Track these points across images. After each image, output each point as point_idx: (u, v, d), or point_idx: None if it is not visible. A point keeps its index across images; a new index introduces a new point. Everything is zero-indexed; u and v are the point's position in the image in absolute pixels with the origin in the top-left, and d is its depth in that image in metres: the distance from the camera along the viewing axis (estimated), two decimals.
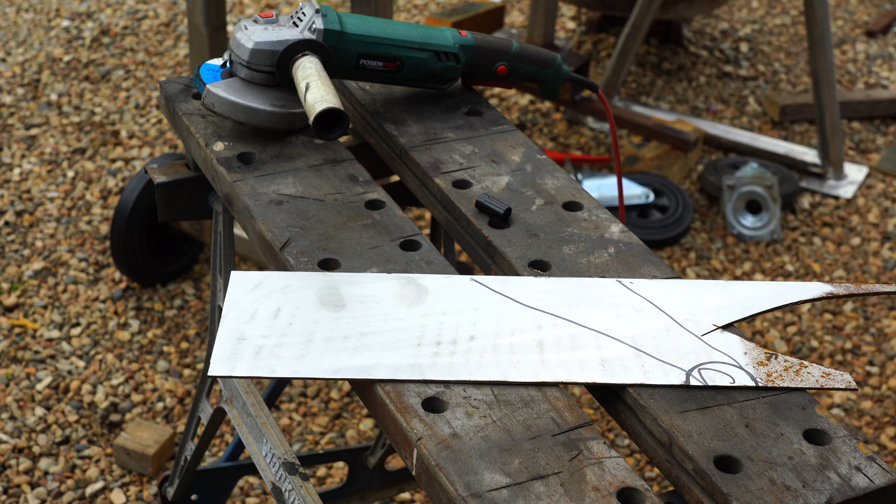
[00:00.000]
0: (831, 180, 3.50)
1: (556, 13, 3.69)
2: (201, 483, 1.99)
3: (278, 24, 1.51)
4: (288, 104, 1.50)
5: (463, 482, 1.01)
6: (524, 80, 1.65)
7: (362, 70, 1.55)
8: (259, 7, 4.43)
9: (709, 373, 1.15)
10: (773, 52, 4.26)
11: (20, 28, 4.21)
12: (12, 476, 2.38)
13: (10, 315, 2.83)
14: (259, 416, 1.61)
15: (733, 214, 3.30)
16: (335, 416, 2.58)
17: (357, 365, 1.14)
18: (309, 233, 1.35)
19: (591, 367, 1.15)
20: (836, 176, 3.51)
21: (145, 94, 3.82)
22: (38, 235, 3.12)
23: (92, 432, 2.51)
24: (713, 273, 3.12)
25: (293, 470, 1.54)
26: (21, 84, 3.85)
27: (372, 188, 1.45)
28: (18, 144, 3.52)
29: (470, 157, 1.51)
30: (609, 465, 1.04)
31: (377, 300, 1.23)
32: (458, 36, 1.59)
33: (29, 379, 2.63)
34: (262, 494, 2.37)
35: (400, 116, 1.59)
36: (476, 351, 1.17)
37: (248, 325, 1.19)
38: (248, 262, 2.94)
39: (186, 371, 2.68)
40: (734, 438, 1.07)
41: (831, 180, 3.50)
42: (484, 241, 1.36)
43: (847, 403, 2.66)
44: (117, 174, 3.39)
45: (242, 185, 1.43)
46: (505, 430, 1.07)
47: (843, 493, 1.02)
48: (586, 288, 1.27)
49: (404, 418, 1.08)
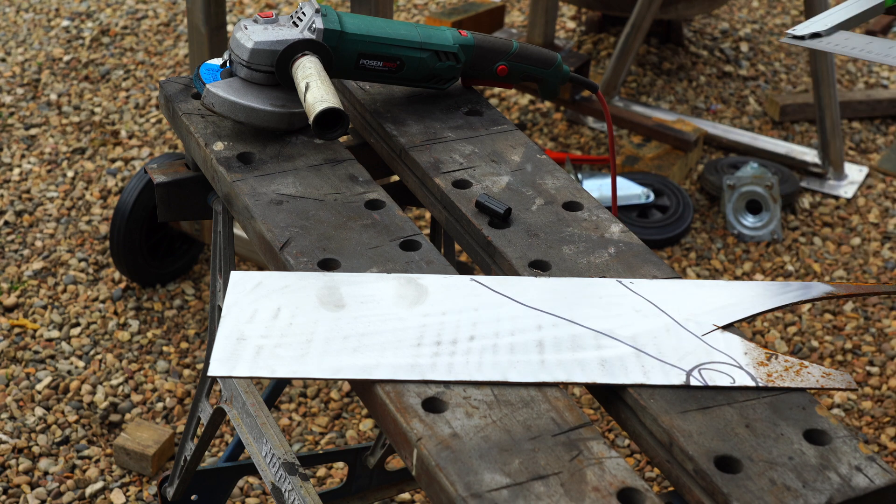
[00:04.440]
0: (831, 180, 3.50)
1: (556, 13, 3.69)
2: (201, 483, 1.99)
3: (278, 24, 1.51)
4: (288, 104, 1.50)
5: (463, 482, 1.01)
6: (524, 80, 1.65)
7: (362, 70, 1.55)
8: (259, 7, 4.43)
9: (709, 373, 1.15)
10: (773, 52, 4.26)
11: (20, 28, 4.21)
12: (12, 476, 2.38)
13: (10, 315, 2.83)
14: (259, 416, 1.61)
15: (733, 214, 3.30)
16: (335, 417, 2.58)
17: (357, 365, 1.14)
18: (309, 233, 1.35)
19: (591, 367, 1.15)
20: (837, 176, 3.50)
21: (145, 94, 3.82)
22: (37, 235, 3.12)
23: (92, 432, 2.51)
24: (713, 273, 3.12)
25: (293, 470, 1.54)
26: (21, 84, 3.85)
27: (372, 188, 1.44)
28: (18, 144, 3.52)
29: (470, 157, 1.51)
30: (609, 465, 1.04)
31: (377, 300, 1.23)
32: (458, 36, 1.59)
33: (29, 379, 2.63)
34: (262, 494, 2.37)
35: (400, 116, 1.59)
36: (476, 351, 1.17)
37: (248, 326, 1.19)
38: (248, 262, 2.93)
39: (186, 371, 2.68)
40: (734, 438, 1.07)
41: (831, 180, 3.50)
42: (484, 241, 1.36)
43: (847, 403, 2.66)
44: (117, 174, 3.39)
45: (242, 185, 1.43)
46: (505, 430, 1.07)
47: (843, 493, 1.02)
48: (586, 288, 1.27)
49: (404, 418, 1.08)
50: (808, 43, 1.44)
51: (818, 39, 1.44)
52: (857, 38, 1.43)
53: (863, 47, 1.40)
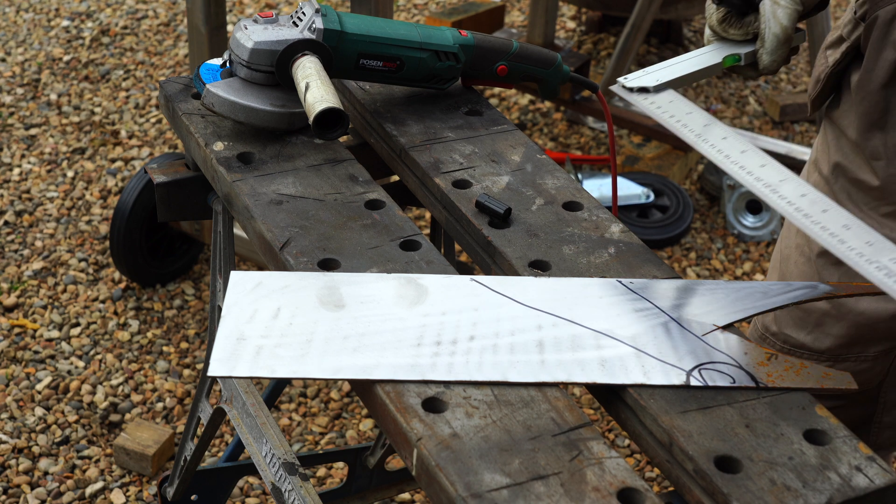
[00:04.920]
0: None
1: (556, 13, 3.69)
2: (201, 483, 1.99)
3: (278, 24, 1.50)
4: (288, 104, 1.50)
5: (463, 482, 1.01)
6: (524, 79, 1.65)
7: (362, 70, 1.55)
8: (259, 7, 4.43)
9: (709, 373, 1.15)
10: None
11: (20, 28, 4.21)
12: (12, 476, 2.38)
13: (10, 315, 2.83)
14: (259, 416, 1.61)
15: (733, 214, 3.30)
16: (335, 417, 2.58)
17: (357, 365, 1.14)
18: (309, 233, 1.35)
19: (591, 367, 1.15)
20: None
21: (145, 93, 3.82)
22: (37, 235, 3.12)
23: (92, 432, 2.51)
24: (713, 273, 3.12)
25: (293, 470, 1.54)
26: (21, 84, 3.85)
27: (372, 188, 1.44)
28: (18, 144, 3.52)
29: (470, 157, 1.51)
30: (609, 465, 1.04)
31: (377, 300, 1.23)
32: (458, 36, 1.59)
33: (29, 379, 2.63)
34: (262, 494, 2.37)
35: (400, 116, 1.59)
36: (476, 351, 1.16)
37: (248, 326, 1.19)
38: (248, 262, 2.93)
39: (186, 371, 2.68)
40: (734, 438, 1.07)
41: None
42: (484, 241, 1.36)
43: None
44: (117, 174, 3.39)
45: (242, 185, 1.43)
46: (505, 430, 1.07)
47: (843, 493, 1.02)
48: (586, 288, 1.27)
49: (404, 418, 1.08)
50: (634, 98, 1.37)
51: (644, 95, 1.38)
52: (678, 105, 1.36)
53: (680, 118, 1.33)
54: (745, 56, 1.46)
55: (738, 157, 1.25)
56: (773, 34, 1.43)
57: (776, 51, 1.43)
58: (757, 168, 1.23)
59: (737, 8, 1.45)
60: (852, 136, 1.56)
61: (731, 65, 1.46)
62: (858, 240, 1.11)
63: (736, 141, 1.28)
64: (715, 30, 1.47)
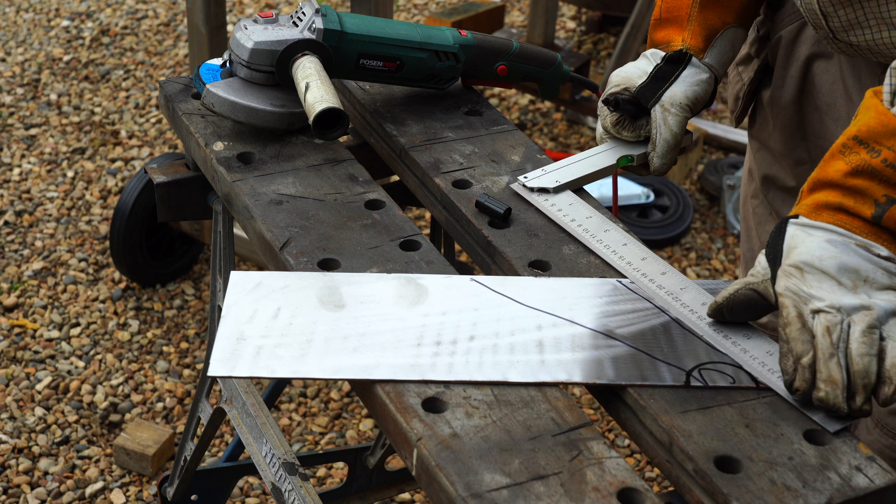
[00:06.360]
0: None
1: (556, 13, 3.69)
2: (201, 483, 1.99)
3: (278, 24, 1.50)
4: (288, 104, 1.50)
5: (463, 482, 1.01)
6: (524, 79, 1.65)
7: (362, 70, 1.55)
8: (259, 7, 4.43)
9: (709, 373, 1.15)
10: None
11: (20, 28, 4.21)
12: (12, 476, 2.38)
13: (10, 315, 2.83)
14: (259, 416, 1.61)
15: (734, 214, 3.29)
16: (335, 417, 2.58)
17: (357, 365, 1.14)
18: (309, 233, 1.35)
19: (590, 367, 1.15)
20: None
21: (145, 94, 3.82)
22: (37, 235, 3.12)
23: (92, 432, 2.51)
24: (713, 273, 3.12)
25: (293, 470, 1.54)
26: (21, 84, 3.85)
27: (372, 188, 1.44)
28: (18, 144, 3.52)
29: (470, 157, 1.51)
30: (609, 465, 1.04)
31: (377, 300, 1.23)
32: (458, 36, 1.59)
33: (29, 379, 2.63)
34: (262, 494, 2.37)
35: (400, 116, 1.59)
36: (476, 351, 1.16)
37: (248, 326, 1.19)
38: (248, 262, 2.93)
39: (186, 371, 2.68)
40: (734, 438, 1.07)
41: None
42: (484, 241, 1.36)
43: None
44: (117, 174, 3.39)
45: (242, 185, 1.43)
46: (505, 430, 1.07)
47: (843, 493, 1.02)
48: (586, 288, 1.27)
49: (404, 418, 1.08)
50: (534, 199, 1.41)
51: (545, 196, 1.41)
52: (577, 209, 1.39)
53: (581, 222, 1.37)
54: (638, 157, 1.51)
55: (638, 263, 1.30)
56: (663, 140, 1.46)
57: (666, 154, 1.48)
58: (658, 276, 1.28)
59: (629, 113, 1.49)
60: (775, 147, 1.63)
61: (624, 165, 1.49)
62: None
63: (636, 247, 1.33)
64: (609, 131, 1.52)
